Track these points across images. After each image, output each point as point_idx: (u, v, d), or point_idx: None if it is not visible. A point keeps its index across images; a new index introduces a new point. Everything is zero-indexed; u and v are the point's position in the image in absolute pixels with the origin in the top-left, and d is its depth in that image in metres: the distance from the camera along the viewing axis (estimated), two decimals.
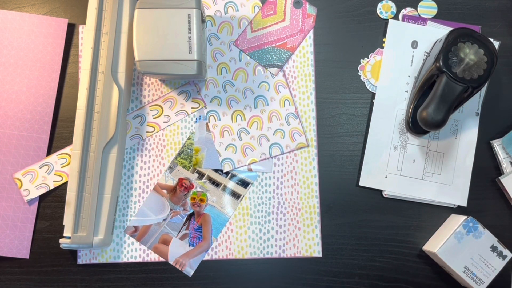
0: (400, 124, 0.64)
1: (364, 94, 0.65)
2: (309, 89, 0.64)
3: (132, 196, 0.63)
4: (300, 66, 0.64)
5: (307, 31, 0.65)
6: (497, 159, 0.64)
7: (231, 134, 0.64)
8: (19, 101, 0.63)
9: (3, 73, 0.62)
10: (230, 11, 0.65)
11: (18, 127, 0.62)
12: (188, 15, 0.56)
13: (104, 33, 0.59)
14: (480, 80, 0.56)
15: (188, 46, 0.56)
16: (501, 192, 0.64)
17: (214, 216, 0.63)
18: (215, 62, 0.64)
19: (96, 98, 0.59)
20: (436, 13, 0.65)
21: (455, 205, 0.63)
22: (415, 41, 0.64)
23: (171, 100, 0.64)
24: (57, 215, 0.63)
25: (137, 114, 0.64)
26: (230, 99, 0.64)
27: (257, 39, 0.64)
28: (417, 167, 0.63)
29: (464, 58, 0.57)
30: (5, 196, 0.62)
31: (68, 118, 0.63)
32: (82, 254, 0.62)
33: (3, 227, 0.62)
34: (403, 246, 0.63)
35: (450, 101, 0.56)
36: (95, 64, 0.59)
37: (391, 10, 0.65)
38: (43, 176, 0.62)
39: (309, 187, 0.63)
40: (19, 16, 0.63)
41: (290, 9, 0.65)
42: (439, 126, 0.57)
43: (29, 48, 0.63)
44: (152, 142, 0.63)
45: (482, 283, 0.59)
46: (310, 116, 0.64)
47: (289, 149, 0.64)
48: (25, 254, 0.62)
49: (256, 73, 0.64)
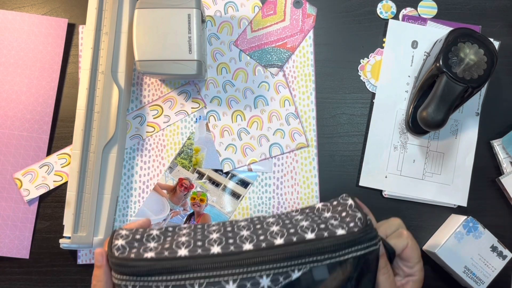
0: (400, 124, 0.64)
1: (364, 94, 0.65)
2: (309, 89, 0.64)
3: (132, 196, 0.63)
4: (300, 66, 0.64)
5: (307, 31, 0.65)
6: (497, 159, 0.64)
7: (231, 134, 0.64)
8: (19, 101, 0.62)
9: (3, 73, 0.62)
10: (230, 11, 0.65)
11: (18, 127, 0.62)
12: (188, 15, 0.56)
13: (104, 33, 0.59)
14: (480, 80, 0.56)
15: (188, 46, 0.56)
16: (501, 192, 0.64)
17: (214, 216, 0.63)
18: (215, 62, 0.64)
19: (96, 98, 0.59)
20: (436, 13, 0.65)
21: (455, 205, 0.63)
22: (415, 41, 0.64)
23: (171, 100, 0.64)
24: (57, 215, 0.63)
25: (137, 114, 0.64)
26: (230, 99, 0.64)
27: (257, 39, 0.64)
28: (417, 167, 0.63)
29: (464, 58, 0.57)
30: (5, 196, 0.62)
31: (68, 118, 0.63)
32: (82, 254, 0.62)
33: (3, 227, 0.62)
34: None
35: (450, 101, 0.56)
36: (95, 64, 0.59)
37: (391, 10, 0.65)
38: (43, 176, 0.62)
39: (309, 187, 0.63)
40: (19, 16, 0.63)
41: (290, 9, 0.65)
42: (439, 126, 0.57)
43: (29, 48, 0.63)
44: (152, 142, 0.63)
45: (482, 283, 0.59)
46: (310, 116, 0.64)
47: (289, 149, 0.64)
48: (25, 254, 0.62)
49: (256, 73, 0.64)
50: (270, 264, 0.44)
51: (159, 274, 0.44)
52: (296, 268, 0.44)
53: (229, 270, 0.43)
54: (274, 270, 0.44)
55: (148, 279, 0.43)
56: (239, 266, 0.43)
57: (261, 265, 0.44)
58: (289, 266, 0.44)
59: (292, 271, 0.44)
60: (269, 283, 0.43)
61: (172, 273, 0.44)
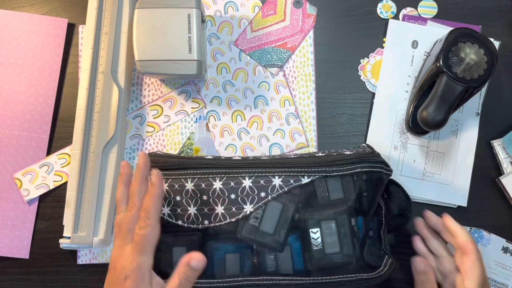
0: (400, 124, 0.64)
1: (364, 94, 0.65)
2: (309, 89, 0.64)
3: None
4: (300, 66, 0.64)
5: (307, 31, 0.65)
6: (497, 159, 0.64)
7: (231, 134, 0.64)
8: (19, 101, 0.62)
9: (3, 73, 0.62)
10: (230, 11, 0.65)
11: (18, 127, 0.62)
12: (188, 15, 0.56)
13: (104, 33, 0.59)
14: (480, 80, 0.56)
15: (188, 46, 0.56)
16: (501, 192, 0.64)
17: None
18: (215, 62, 0.64)
19: (96, 98, 0.59)
20: (436, 13, 0.65)
21: (455, 205, 0.63)
22: (415, 41, 0.64)
23: (171, 100, 0.64)
24: (57, 215, 0.63)
25: (137, 114, 0.64)
26: (230, 99, 0.64)
27: (257, 39, 0.64)
28: (417, 167, 0.63)
29: (464, 58, 0.57)
30: (5, 196, 0.62)
31: (68, 118, 0.63)
32: (82, 254, 0.62)
33: (3, 227, 0.62)
34: (404, 246, 0.63)
35: (450, 101, 0.56)
36: (95, 64, 0.59)
37: (391, 10, 0.65)
38: (43, 176, 0.62)
39: None
40: (19, 16, 0.63)
41: (290, 9, 0.65)
42: (439, 126, 0.56)
43: (29, 48, 0.63)
44: (152, 142, 0.63)
45: (507, 287, 0.58)
46: (310, 116, 0.64)
47: (289, 149, 0.64)
48: (25, 254, 0.62)
49: (256, 73, 0.64)
50: (282, 169, 0.53)
51: (187, 168, 0.53)
52: (306, 174, 0.52)
53: (246, 169, 0.53)
54: (285, 173, 0.52)
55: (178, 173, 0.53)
56: (255, 167, 0.53)
57: (274, 168, 0.53)
58: (299, 172, 0.52)
59: (302, 177, 0.52)
60: (280, 183, 0.52)
61: (198, 168, 0.53)
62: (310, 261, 0.52)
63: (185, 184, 0.53)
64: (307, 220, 0.52)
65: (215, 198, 0.53)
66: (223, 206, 0.52)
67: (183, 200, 0.53)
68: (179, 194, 0.53)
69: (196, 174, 0.53)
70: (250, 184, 0.52)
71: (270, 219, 0.52)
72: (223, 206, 0.52)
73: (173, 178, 0.53)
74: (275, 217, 0.52)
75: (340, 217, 0.52)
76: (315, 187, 0.53)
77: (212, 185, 0.53)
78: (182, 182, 0.53)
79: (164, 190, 0.53)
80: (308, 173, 0.52)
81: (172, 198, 0.53)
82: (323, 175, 0.52)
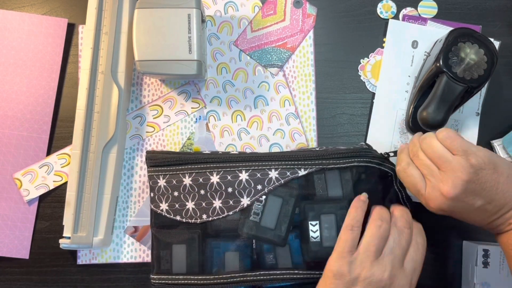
0: (400, 124, 0.64)
1: (364, 94, 0.65)
2: (309, 89, 0.64)
3: (132, 196, 0.63)
4: (300, 66, 0.64)
5: (307, 31, 0.65)
6: None
7: (231, 134, 0.64)
8: (19, 101, 0.62)
9: (3, 73, 0.62)
10: (230, 11, 0.65)
11: (18, 127, 0.62)
12: (188, 15, 0.56)
13: (104, 33, 0.59)
14: (480, 80, 0.56)
15: (188, 46, 0.56)
16: None
17: None
18: (215, 62, 0.64)
19: (96, 98, 0.59)
20: (436, 13, 0.65)
21: None
22: (415, 41, 0.64)
23: (171, 100, 0.64)
24: (57, 215, 0.63)
25: (137, 114, 0.64)
26: (230, 99, 0.64)
27: (257, 39, 0.64)
28: None
29: (464, 58, 0.57)
30: (5, 196, 0.62)
31: (68, 118, 0.63)
32: (82, 254, 0.62)
33: (3, 227, 0.62)
34: None
35: (450, 101, 0.56)
36: (95, 64, 0.59)
37: (391, 10, 0.65)
38: (43, 176, 0.62)
39: None
40: (19, 16, 0.63)
41: (290, 9, 0.65)
42: (439, 126, 0.56)
43: (28, 48, 0.63)
44: (152, 142, 0.63)
45: None
46: (310, 116, 0.64)
47: (289, 149, 0.63)
48: (25, 254, 0.62)
49: (256, 73, 0.64)
50: (279, 161, 0.54)
51: (185, 163, 0.54)
52: (302, 167, 0.53)
53: (242, 163, 0.54)
54: (282, 166, 0.53)
55: (175, 168, 0.54)
56: (251, 161, 0.54)
57: (271, 161, 0.54)
58: (295, 165, 0.53)
59: (298, 169, 0.53)
60: (277, 175, 0.53)
61: (195, 163, 0.54)
62: (307, 253, 0.53)
63: (183, 179, 0.54)
64: (307, 213, 0.53)
65: (213, 192, 0.54)
66: (221, 200, 0.54)
67: (181, 195, 0.54)
68: (177, 189, 0.54)
69: (194, 169, 0.54)
70: (246, 177, 0.53)
71: (271, 214, 0.53)
72: (220, 200, 0.54)
73: (171, 174, 0.55)
74: (276, 212, 0.53)
75: (339, 212, 0.53)
76: (314, 181, 0.54)
77: (209, 179, 0.54)
78: (180, 178, 0.54)
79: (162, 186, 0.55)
80: (304, 166, 0.53)
81: (170, 194, 0.54)
82: (320, 167, 0.54)
